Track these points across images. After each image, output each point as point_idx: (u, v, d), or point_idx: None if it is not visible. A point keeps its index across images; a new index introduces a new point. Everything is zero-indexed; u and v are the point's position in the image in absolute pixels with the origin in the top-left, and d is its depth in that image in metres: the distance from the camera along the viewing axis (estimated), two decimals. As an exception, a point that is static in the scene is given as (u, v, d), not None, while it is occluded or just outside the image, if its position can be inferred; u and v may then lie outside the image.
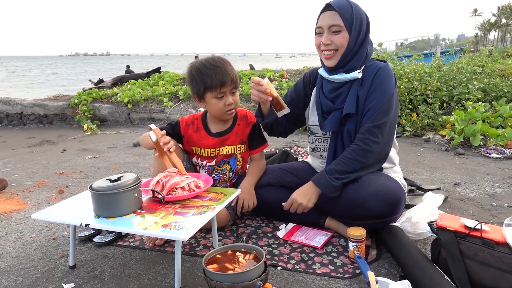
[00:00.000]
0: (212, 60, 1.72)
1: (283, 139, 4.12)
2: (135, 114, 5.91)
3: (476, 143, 3.35)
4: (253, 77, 1.81)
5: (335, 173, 1.54)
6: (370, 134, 1.53)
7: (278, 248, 1.61)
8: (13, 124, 6.28)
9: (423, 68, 5.01)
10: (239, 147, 1.85)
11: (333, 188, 1.54)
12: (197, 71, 1.70)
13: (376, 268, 1.46)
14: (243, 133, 1.85)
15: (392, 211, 1.52)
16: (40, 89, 17.76)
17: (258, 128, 1.88)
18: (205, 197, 1.50)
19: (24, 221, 2.01)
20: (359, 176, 1.55)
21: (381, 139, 1.53)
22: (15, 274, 1.48)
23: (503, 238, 1.24)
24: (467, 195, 2.28)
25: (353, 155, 1.53)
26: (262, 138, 1.89)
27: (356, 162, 1.53)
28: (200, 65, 1.71)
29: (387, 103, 1.55)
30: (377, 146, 1.53)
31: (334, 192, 1.54)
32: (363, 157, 1.53)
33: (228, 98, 1.71)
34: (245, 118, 1.86)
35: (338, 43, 1.58)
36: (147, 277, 1.43)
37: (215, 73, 1.66)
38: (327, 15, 1.59)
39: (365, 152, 1.53)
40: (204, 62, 1.71)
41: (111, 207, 1.33)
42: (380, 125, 1.53)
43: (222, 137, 1.82)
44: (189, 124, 1.85)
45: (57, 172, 3.05)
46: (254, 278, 1.16)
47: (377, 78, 1.59)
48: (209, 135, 1.82)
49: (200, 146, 1.83)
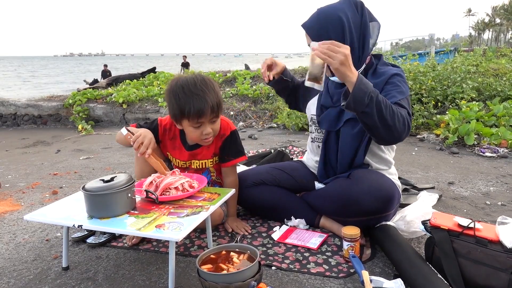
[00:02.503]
0: (193, 85, 1.53)
1: (278, 139, 4.12)
2: (130, 115, 5.89)
3: (470, 142, 3.37)
4: None
5: (375, 90, 1.33)
6: (403, 111, 1.41)
7: (273, 248, 1.61)
8: (7, 125, 6.24)
9: (418, 67, 5.03)
10: (211, 160, 1.75)
11: (363, 88, 1.30)
12: (176, 96, 1.53)
13: (371, 267, 1.46)
14: (215, 146, 1.73)
15: (385, 208, 1.53)
16: (32, 90, 17.68)
17: (232, 140, 1.73)
18: (199, 197, 1.49)
19: (17, 223, 1.99)
20: (371, 122, 1.35)
21: (400, 126, 1.38)
22: (8, 276, 1.47)
23: (496, 236, 1.25)
24: (461, 193, 2.29)
25: (394, 109, 1.37)
26: (236, 151, 1.73)
27: (391, 111, 1.35)
28: (179, 89, 1.54)
29: (404, 100, 1.48)
30: (398, 125, 1.37)
31: (360, 92, 1.30)
32: (394, 117, 1.36)
33: (206, 127, 1.56)
34: (219, 130, 1.70)
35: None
36: (141, 278, 1.42)
37: (194, 101, 1.50)
38: (306, 36, 1.58)
39: (399, 116, 1.37)
40: (184, 86, 1.53)
41: (104, 208, 1.32)
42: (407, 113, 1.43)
43: (194, 151, 1.72)
44: (166, 130, 1.73)
45: (51, 173, 3.03)
46: (248, 278, 1.16)
47: (394, 81, 1.52)
48: (183, 145, 1.73)
49: (172, 155, 1.77)
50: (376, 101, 1.31)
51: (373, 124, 1.36)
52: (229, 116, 5.34)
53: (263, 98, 5.76)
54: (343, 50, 1.29)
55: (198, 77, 1.57)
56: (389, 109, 1.34)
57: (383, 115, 1.33)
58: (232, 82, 6.77)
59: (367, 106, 1.31)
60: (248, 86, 6.12)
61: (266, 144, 3.82)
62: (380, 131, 1.37)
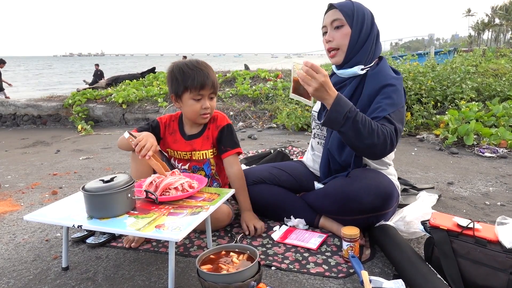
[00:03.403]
0: (195, 62, 1.72)
1: (278, 139, 4.12)
2: (130, 115, 5.89)
3: (470, 143, 3.37)
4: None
5: (353, 111, 1.39)
6: (387, 128, 1.44)
7: (273, 248, 1.61)
8: (6, 125, 6.24)
9: (417, 68, 5.04)
10: (211, 151, 1.80)
11: (339, 109, 1.37)
12: (179, 70, 1.69)
13: (370, 267, 1.46)
14: (213, 136, 1.80)
15: (384, 205, 1.53)
16: (31, 90, 17.68)
17: (227, 131, 1.79)
18: (199, 198, 1.49)
19: (17, 223, 1.99)
20: (349, 140, 1.42)
21: (383, 139, 1.42)
22: (7, 276, 1.47)
23: (495, 236, 1.25)
24: (461, 194, 2.29)
25: (374, 127, 1.41)
26: (232, 142, 1.79)
27: (369, 129, 1.40)
28: (183, 65, 1.71)
29: (398, 112, 1.51)
30: (383, 141, 1.42)
31: (335, 113, 1.38)
32: (373, 135, 1.40)
33: (206, 101, 1.70)
34: (214, 122, 1.80)
35: (339, 40, 1.61)
36: (141, 278, 1.42)
37: (197, 74, 1.66)
38: (329, 14, 1.64)
39: (380, 134, 1.41)
40: (187, 63, 1.71)
41: (104, 208, 1.33)
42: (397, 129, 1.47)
43: (193, 140, 1.79)
44: (166, 126, 1.84)
45: (50, 173, 3.03)
46: (248, 278, 1.16)
47: (388, 91, 1.54)
48: (183, 137, 1.80)
49: (173, 148, 1.82)
50: (353, 121, 1.38)
51: (350, 142, 1.45)
52: (229, 116, 5.34)
53: (262, 98, 5.76)
54: (319, 78, 1.37)
55: (198, 59, 1.77)
56: (368, 128, 1.40)
57: (360, 134, 1.40)
58: (232, 82, 6.77)
59: (343, 125, 1.39)
60: (247, 87, 6.12)
61: (265, 145, 3.82)
62: (359, 148, 1.46)
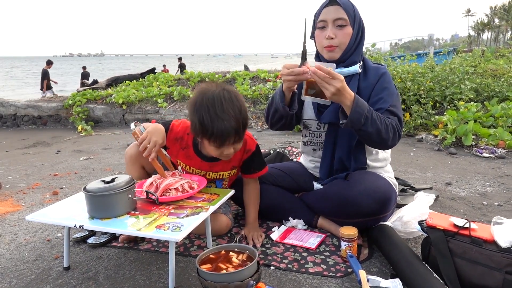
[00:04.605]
0: (219, 107, 1.43)
1: (278, 140, 4.14)
2: (130, 115, 5.91)
3: (468, 143, 3.39)
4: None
5: (369, 110, 1.45)
6: (393, 120, 1.54)
7: (272, 247, 1.63)
8: (7, 126, 6.25)
9: (416, 68, 5.05)
10: (229, 172, 1.73)
11: (359, 110, 1.42)
12: (200, 116, 1.44)
13: (368, 266, 1.48)
14: (236, 160, 1.68)
15: (382, 209, 1.55)
16: (31, 90, 17.67)
17: (258, 154, 1.72)
18: (199, 198, 1.51)
19: (18, 223, 2.01)
20: (368, 136, 1.49)
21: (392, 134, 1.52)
22: (10, 276, 1.49)
23: (491, 236, 1.26)
24: (458, 194, 2.31)
25: (387, 122, 1.50)
26: (261, 164, 1.74)
27: (385, 125, 1.48)
28: (205, 109, 1.43)
29: (396, 101, 1.60)
30: (391, 135, 1.51)
31: (356, 114, 1.42)
32: (388, 130, 1.49)
33: (229, 149, 1.50)
34: (243, 146, 1.64)
35: (342, 39, 1.60)
36: (142, 277, 1.44)
37: (218, 126, 1.41)
38: (331, 9, 1.59)
39: (391, 128, 1.50)
40: (209, 107, 1.43)
41: (105, 208, 1.34)
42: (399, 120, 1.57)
43: (212, 163, 1.67)
44: (178, 139, 1.66)
45: (51, 173, 3.05)
46: (247, 277, 1.18)
47: (383, 82, 1.62)
48: (198, 156, 1.66)
49: (186, 163, 1.70)
50: (371, 119, 1.45)
51: (368, 138, 1.50)
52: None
53: (262, 98, 5.77)
54: (336, 84, 1.38)
55: (226, 96, 1.46)
56: (384, 124, 1.49)
57: (378, 130, 1.47)
58: (232, 82, 6.78)
59: (364, 124, 1.45)
60: (247, 87, 6.13)
61: (265, 145, 3.84)
62: (374, 142, 1.56)
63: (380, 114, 1.50)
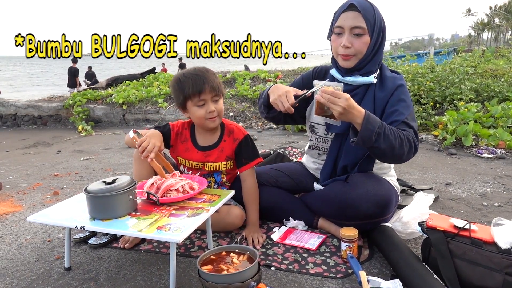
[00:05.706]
0: (192, 69, 1.70)
1: (278, 140, 4.14)
2: (130, 115, 5.91)
3: (468, 143, 3.39)
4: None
5: (381, 126, 1.42)
6: (409, 134, 1.49)
7: (272, 248, 1.63)
8: (7, 126, 6.26)
9: (416, 68, 5.06)
10: (225, 164, 1.77)
11: (370, 127, 1.38)
12: (177, 80, 1.69)
13: (368, 267, 1.48)
14: (228, 150, 1.76)
15: (381, 212, 1.55)
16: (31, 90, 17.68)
17: (246, 143, 1.77)
18: (200, 199, 1.51)
19: (19, 223, 2.01)
20: (381, 153, 1.45)
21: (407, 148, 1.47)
22: (11, 277, 1.49)
23: (491, 237, 1.27)
24: (458, 194, 2.32)
25: (402, 136, 1.46)
26: (252, 153, 1.77)
27: (399, 140, 1.43)
28: (180, 75, 1.70)
29: (411, 114, 1.56)
30: (406, 150, 1.47)
31: (367, 131, 1.38)
32: (402, 144, 1.45)
33: (210, 105, 1.65)
34: (231, 134, 1.77)
35: (358, 48, 1.53)
36: (142, 278, 1.44)
37: (194, 81, 1.64)
38: (349, 15, 1.52)
39: (406, 142, 1.46)
40: (184, 72, 1.71)
41: (106, 209, 1.35)
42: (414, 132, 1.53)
43: (206, 152, 1.76)
44: (178, 134, 1.80)
45: (52, 173, 3.05)
46: (248, 278, 1.18)
47: (399, 94, 1.58)
48: (195, 147, 1.78)
49: (184, 157, 1.79)
50: (383, 135, 1.41)
51: (382, 154, 1.46)
52: (229, 116, 5.36)
53: (262, 99, 5.77)
54: (341, 103, 1.37)
55: (198, 66, 1.75)
56: (398, 139, 1.43)
57: (392, 146, 1.42)
58: (232, 83, 6.79)
59: (375, 141, 1.40)
60: (247, 87, 6.14)
61: (265, 145, 3.84)
62: (388, 158, 1.49)
63: (394, 127, 1.46)
